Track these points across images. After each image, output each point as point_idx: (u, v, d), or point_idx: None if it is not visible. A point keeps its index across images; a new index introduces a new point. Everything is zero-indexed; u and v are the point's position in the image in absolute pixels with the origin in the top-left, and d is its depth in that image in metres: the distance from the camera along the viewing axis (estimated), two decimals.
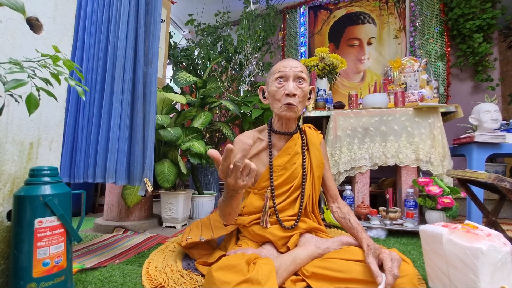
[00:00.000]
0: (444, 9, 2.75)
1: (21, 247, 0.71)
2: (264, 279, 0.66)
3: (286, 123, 1.02)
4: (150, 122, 1.25)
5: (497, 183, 1.03)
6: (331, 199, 1.08)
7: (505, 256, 0.71)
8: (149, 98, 1.25)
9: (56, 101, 0.80)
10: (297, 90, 0.94)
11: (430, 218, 1.55)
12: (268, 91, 1.01)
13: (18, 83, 0.54)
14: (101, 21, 1.25)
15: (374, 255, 0.73)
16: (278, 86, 0.95)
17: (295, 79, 0.95)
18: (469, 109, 1.93)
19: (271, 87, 0.98)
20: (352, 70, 3.11)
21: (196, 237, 1.05)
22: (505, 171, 2.26)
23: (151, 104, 1.25)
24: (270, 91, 0.98)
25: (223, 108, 2.67)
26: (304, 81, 0.96)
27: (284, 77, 0.95)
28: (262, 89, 1.08)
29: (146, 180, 1.18)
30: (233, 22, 3.06)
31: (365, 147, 1.80)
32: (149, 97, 1.25)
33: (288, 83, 0.94)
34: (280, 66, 0.97)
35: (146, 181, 1.18)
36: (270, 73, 1.01)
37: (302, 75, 0.95)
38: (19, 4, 0.55)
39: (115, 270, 1.02)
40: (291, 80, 0.94)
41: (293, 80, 0.94)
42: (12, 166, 0.79)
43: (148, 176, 1.21)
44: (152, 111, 1.26)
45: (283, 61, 0.98)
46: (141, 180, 1.21)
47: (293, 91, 0.92)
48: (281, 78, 0.95)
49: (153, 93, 1.26)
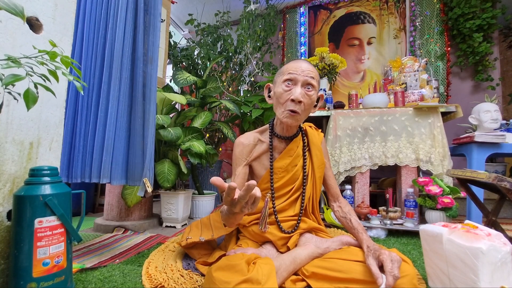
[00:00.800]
0: (444, 9, 2.75)
1: (21, 247, 0.71)
2: (264, 279, 0.66)
3: (287, 128, 1.00)
4: (150, 121, 1.24)
5: (497, 183, 1.03)
6: (332, 198, 1.07)
7: (505, 256, 0.71)
8: (148, 97, 1.25)
9: (54, 96, 0.80)
10: (304, 97, 0.88)
11: (430, 218, 1.55)
12: (274, 91, 0.96)
13: (15, 78, 0.54)
14: (99, 19, 1.24)
15: (374, 256, 0.73)
16: (285, 89, 0.89)
17: (304, 84, 0.89)
18: (469, 109, 1.93)
19: (277, 88, 0.93)
20: (352, 70, 3.10)
21: (196, 237, 1.05)
22: (505, 171, 2.26)
23: (151, 103, 1.25)
24: (276, 92, 0.93)
25: (223, 108, 2.67)
26: (313, 89, 0.90)
27: (293, 81, 0.89)
28: (269, 87, 1.02)
29: (146, 181, 1.18)
30: (233, 22, 3.06)
31: (365, 147, 1.80)
32: (149, 96, 1.25)
33: (296, 88, 0.88)
34: (291, 67, 0.91)
35: (145, 181, 1.17)
36: (279, 72, 0.95)
37: (313, 81, 0.89)
38: (18, 9, 0.54)
39: (115, 270, 1.02)
40: (299, 85, 0.88)
41: (302, 86, 0.88)
42: (12, 166, 0.79)
43: (147, 176, 1.21)
44: (152, 110, 1.25)
45: (295, 62, 0.92)
46: (140, 180, 1.21)
47: (299, 97, 0.86)
48: (289, 81, 0.89)
49: (153, 92, 1.26)
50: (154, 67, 1.26)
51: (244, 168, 1.02)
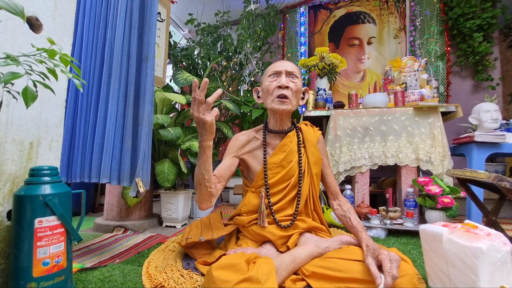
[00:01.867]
0: (444, 9, 2.75)
1: (21, 246, 0.71)
2: (264, 278, 0.66)
3: (280, 118, 1.04)
4: (144, 119, 1.21)
5: (497, 182, 1.03)
6: (332, 196, 1.08)
7: (505, 256, 0.71)
8: (143, 95, 1.23)
9: (54, 94, 0.80)
10: (290, 83, 0.98)
11: (430, 218, 1.55)
12: (262, 89, 1.05)
13: (14, 76, 0.54)
14: (99, 19, 1.24)
15: (373, 256, 0.73)
16: (270, 81, 1.00)
17: (287, 75, 0.99)
18: (469, 109, 1.93)
19: (264, 84, 1.03)
20: (352, 69, 3.10)
21: (196, 237, 1.05)
22: (505, 170, 2.26)
23: (147, 101, 1.23)
24: (263, 88, 1.03)
25: (223, 107, 2.67)
26: (297, 78, 1.00)
27: (277, 74, 1.00)
28: (257, 90, 1.11)
29: (138, 180, 1.15)
30: (233, 22, 3.05)
31: (365, 146, 1.80)
32: (146, 95, 1.23)
33: (280, 78, 0.99)
34: (273, 66, 1.03)
35: (138, 181, 1.15)
36: (263, 74, 1.06)
37: (294, 72, 1.00)
38: (18, 8, 0.54)
39: (115, 270, 1.02)
40: (283, 75, 0.99)
41: (286, 76, 0.99)
42: (12, 165, 0.79)
43: (140, 176, 1.17)
44: (147, 108, 1.22)
45: (277, 62, 1.04)
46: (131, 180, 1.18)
47: (285, 83, 0.97)
48: (274, 75, 1.00)
49: (148, 90, 1.22)
50: (150, 65, 1.25)
51: (231, 160, 1.04)
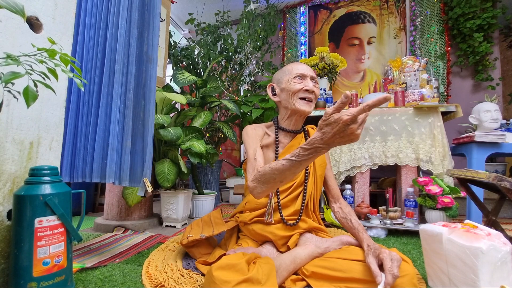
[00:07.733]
0: (444, 8, 2.74)
1: (21, 246, 0.71)
2: (264, 278, 0.66)
3: (297, 119, 1.05)
4: (149, 121, 1.23)
5: (497, 182, 1.03)
6: (333, 199, 1.08)
7: (505, 256, 0.71)
8: (148, 96, 1.24)
9: (54, 94, 0.80)
10: (315, 89, 1.02)
11: (430, 218, 1.55)
12: (281, 88, 1.04)
13: (14, 75, 0.54)
14: (100, 19, 1.24)
15: (374, 255, 0.74)
16: (298, 82, 1.01)
17: (311, 79, 1.03)
18: (469, 109, 1.93)
19: (287, 84, 1.02)
20: (352, 69, 3.10)
21: (197, 235, 1.05)
22: (505, 170, 2.26)
23: (150, 102, 1.24)
24: (286, 88, 1.02)
25: (223, 107, 2.67)
26: (317, 83, 1.05)
27: (302, 76, 1.02)
28: (272, 87, 1.10)
29: (146, 180, 1.17)
30: (233, 22, 3.05)
31: (365, 146, 1.80)
32: (148, 95, 1.23)
33: (307, 81, 1.01)
34: (297, 67, 1.04)
35: (145, 181, 1.17)
36: (284, 71, 1.06)
37: (315, 78, 1.05)
38: (18, 7, 0.54)
39: (115, 270, 1.02)
40: (309, 79, 1.02)
41: (311, 80, 1.03)
42: (12, 165, 0.79)
43: (147, 175, 1.20)
44: (151, 109, 1.24)
45: (299, 64, 1.06)
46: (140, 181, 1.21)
47: (313, 88, 1.01)
48: (299, 77, 1.02)
49: (152, 91, 1.24)
50: (154, 66, 1.26)
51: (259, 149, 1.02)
